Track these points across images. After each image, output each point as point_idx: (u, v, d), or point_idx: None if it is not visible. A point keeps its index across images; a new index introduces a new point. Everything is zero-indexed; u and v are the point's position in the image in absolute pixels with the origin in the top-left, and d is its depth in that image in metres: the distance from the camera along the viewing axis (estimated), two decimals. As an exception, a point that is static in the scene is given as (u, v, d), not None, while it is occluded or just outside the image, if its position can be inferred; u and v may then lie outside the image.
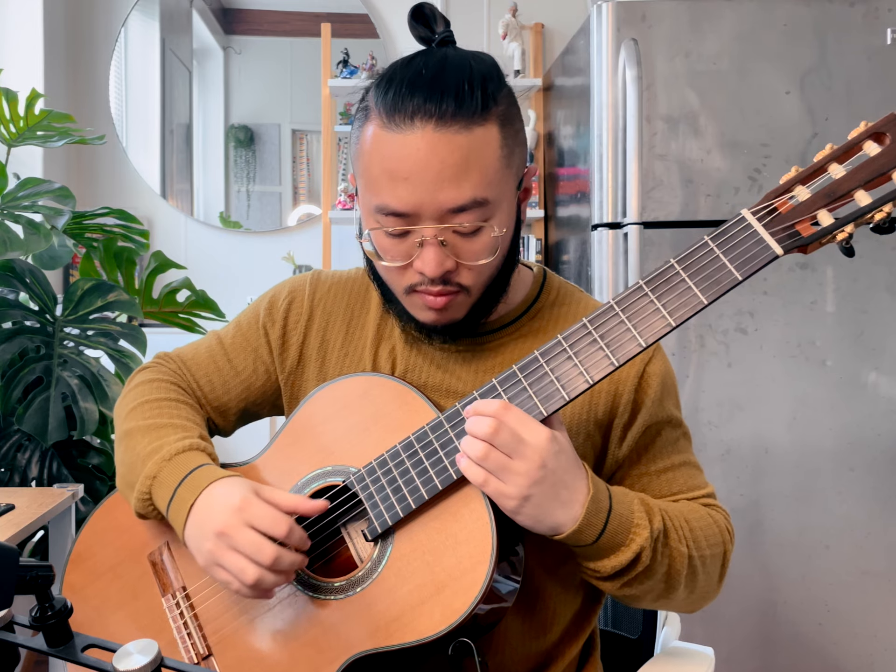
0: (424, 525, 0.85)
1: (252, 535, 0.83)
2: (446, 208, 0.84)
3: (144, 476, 0.92)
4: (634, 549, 0.83)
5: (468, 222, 0.85)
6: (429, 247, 0.85)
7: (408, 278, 0.90)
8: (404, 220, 0.86)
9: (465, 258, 0.87)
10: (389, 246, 0.89)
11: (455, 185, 0.83)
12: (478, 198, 0.84)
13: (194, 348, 1.09)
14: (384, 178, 0.85)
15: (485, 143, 0.85)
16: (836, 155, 0.78)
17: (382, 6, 3.13)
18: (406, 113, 0.83)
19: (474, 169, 0.84)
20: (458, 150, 0.83)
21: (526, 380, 0.82)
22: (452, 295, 0.89)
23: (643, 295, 0.80)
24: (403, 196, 0.84)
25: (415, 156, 0.83)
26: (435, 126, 0.83)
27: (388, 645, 0.83)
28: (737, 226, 0.79)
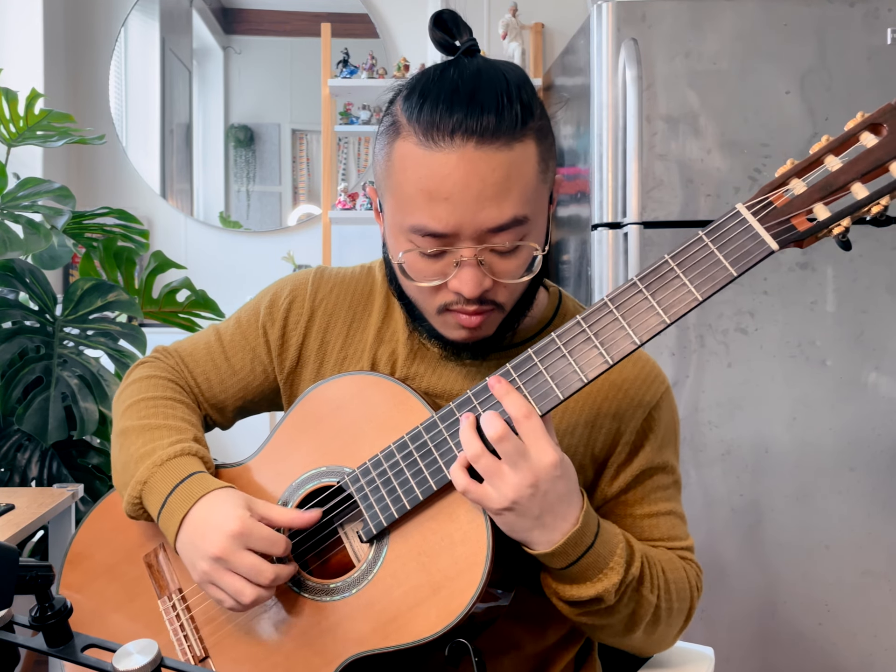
0: (420, 526, 0.85)
1: (251, 558, 0.83)
2: (486, 228, 0.81)
3: (135, 481, 0.92)
4: (598, 589, 0.83)
5: (507, 241, 0.83)
6: (467, 267, 0.83)
7: (441, 298, 0.87)
8: (441, 240, 0.82)
9: (502, 276, 0.85)
10: (424, 266, 0.85)
11: (496, 205, 0.81)
12: (518, 216, 0.82)
13: (193, 344, 1.08)
14: (420, 198, 0.82)
15: (524, 160, 0.82)
16: (833, 147, 0.76)
17: (382, 6, 3.13)
18: (445, 131, 0.80)
19: (514, 187, 0.81)
20: (498, 169, 0.80)
21: (520, 379, 0.82)
22: (487, 313, 0.87)
23: (637, 292, 0.79)
24: (442, 217, 0.81)
25: (455, 175, 0.80)
26: (476, 144, 0.79)
27: (384, 646, 0.83)
28: (731, 220, 0.78)
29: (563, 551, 0.80)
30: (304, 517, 0.87)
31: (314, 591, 0.88)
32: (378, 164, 0.89)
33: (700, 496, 2.07)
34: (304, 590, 0.89)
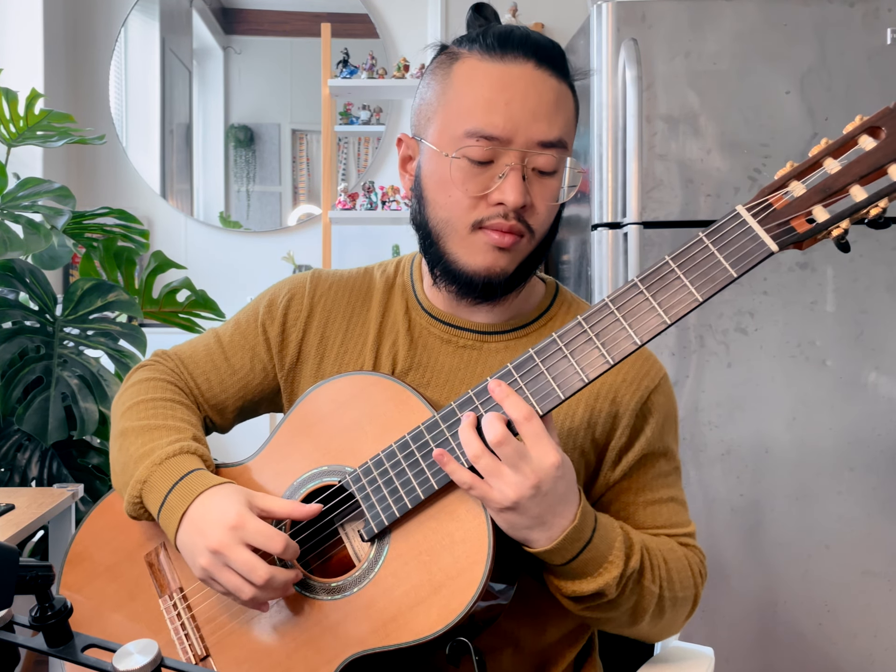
0: (421, 525, 0.85)
1: (246, 554, 0.83)
2: (537, 139, 0.87)
3: (135, 480, 0.92)
4: (599, 584, 0.83)
5: (553, 157, 0.89)
6: (513, 175, 0.87)
7: (479, 212, 0.90)
8: (495, 144, 0.87)
9: (541, 197, 0.90)
10: (469, 175, 0.89)
11: (548, 121, 0.88)
12: (563, 139, 0.89)
13: (192, 346, 1.09)
14: (482, 103, 0.88)
15: (568, 96, 0.91)
16: (832, 150, 0.76)
17: (382, 6, 3.13)
18: (512, 45, 0.88)
19: (562, 113, 0.90)
20: (552, 91, 0.89)
21: (522, 379, 0.82)
22: (518, 237, 0.90)
23: (638, 293, 0.79)
24: (500, 121, 0.87)
25: (517, 84, 0.87)
26: (536, 64, 0.88)
27: (385, 645, 0.83)
28: (731, 222, 0.78)
29: (561, 548, 0.81)
30: (304, 509, 0.87)
31: (315, 589, 0.88)
32: (426, 96, 0.94)
33: (700, 496, 2.07)
34: (305, 588, 0.89)
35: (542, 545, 0.81)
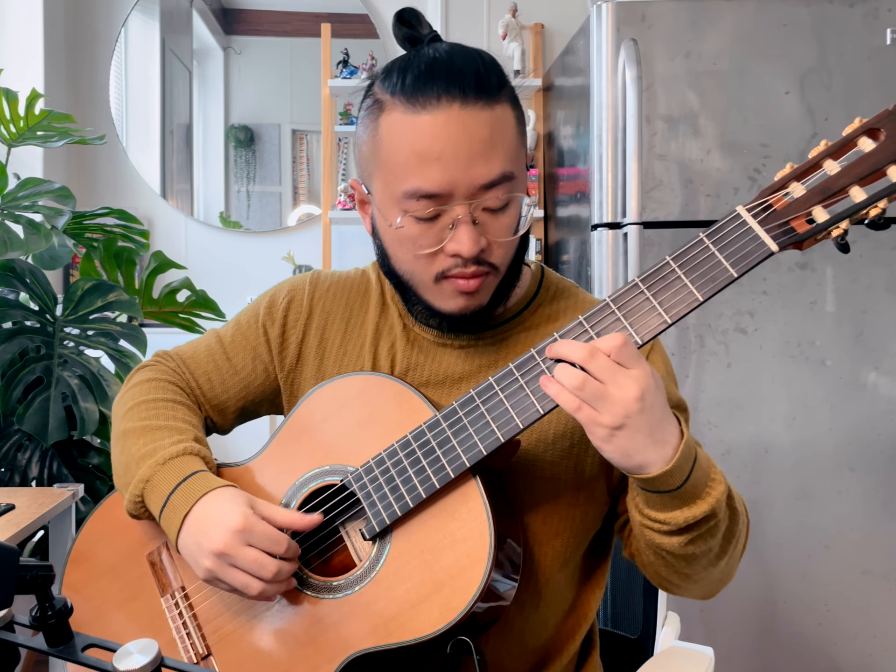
0: (422, 524, 0.85)
1: (253, 553, 0.84)
2: (478, 184, 0.85)
3: (138, 479, 0.92)
4: (710, 503, 0.80)
5: (499, 197, 0.86)
6: (463, 226, 0.85)
7: (438, 264, 0.89)
8: (436, 201, 0.85)
9: (496, 234, 0.88)
10: (419, 233, 0.88)
11: (485, 161, 0.84)
12: (506, 172, 0.86)
13: (193, 347, 1.09)
14: (413, 162, 0.85)
15: (505, 120, 0.87)
16: (831, 151, 0.77)
17: (382, 6, 3.13)
18: (432, 94, 0.84)
19: (500, 144, 0.86)
20: (485, 126, 0.84)
21: (523, 378, 0.82)
22: (484, 276, 0.89)
23: (639, 292, 0.80)
24: (436, 176, 0.84)
25: (445, 134, 0.83)
26: (461, 104, 0.84)
27: (386, 643, 0.83)
28: (732, 222, 0.79)
29: (679, 466, 0.78)
30: (305, 520, 0.87)
31: (317, 588, 0.89)
32: (363, 148, 0.92)
33: (700, 496, 2.07)
34: (306, 587, 0.89)
35: (660, 467, 0.77)
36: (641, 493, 0.82)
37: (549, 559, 0.95)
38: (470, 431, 0.84)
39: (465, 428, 0.84)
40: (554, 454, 0.94)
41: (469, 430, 0.84)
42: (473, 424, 0.84)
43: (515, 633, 0.96)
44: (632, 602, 1.26)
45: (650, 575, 0.94)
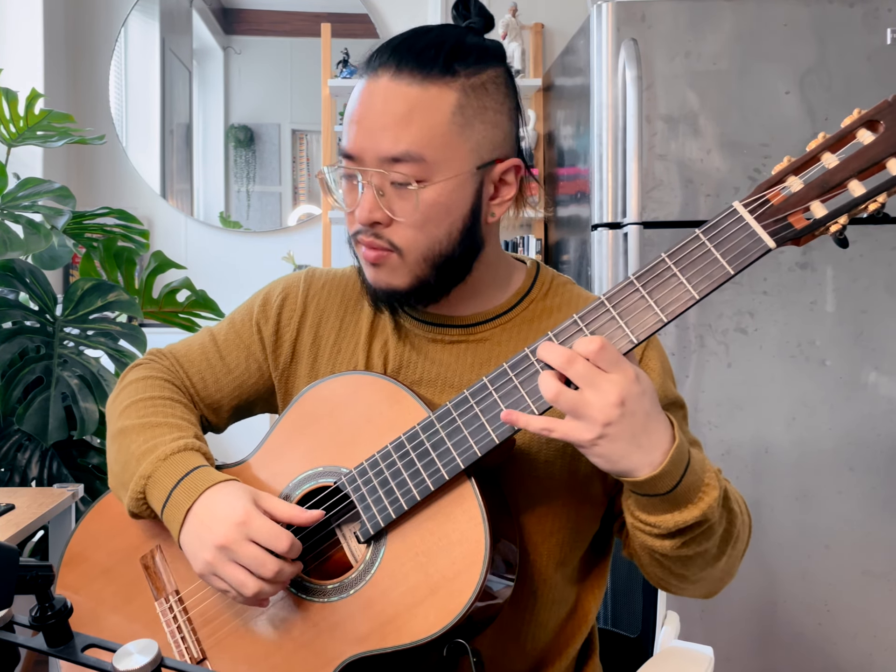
0: (417, 526, 0.85)
1: (254, 549, 0.83)
2: (383, 155, 0.87)
3: (139, 476, 0.91)
4: (702, 508, 0.79)
5: (402, 175, 0.87)
6: (365, 190, 0.89)
7: (351, 223, 0.93)
8: (352, 162, 0.90)
9: (396, 214, 0.89)
10: (346, 192, 0.93)
11: (393, 134, 0.86)
12: (412, 152, 0.86)
13: (187, 345, 1.09)
14: (346, 122, 0.91)
15: (436, 102, 0.87)
16: (829, 144, 0.75)
17: (382, 6, 3.13)
18: (375, 65, 0.89)
19: (416, 123, 0.86)
20: (404, 101, 0.86)
21: (517, 378, 0.81)
22: (383, 251, 0.91)
23: (634, 290, 0.78)
24: (352, 137, 0.89)
25: (368, 101, 0.88)
26: (391, 76, 0.87)
27: (382, 647, 0.83)
28: (728, 219, 0.77)
29: (668, 472, 0.76)
30: (305, 516, 0.87)
31: (312, 591, 0.88)
32: None
33: (700, 496, 2.07)
34: (301, 591, 0.89)
35: (648, 472, 0.76)
36: (632, 495, 0.82)
37: (544, 559, 0.95)
38: (464, 432, 0.83)
39: (459, 429, 0.83)
40: (548, 453, 0.94)
41: (463, 431, 0.83)
42: (468, 425, 0.83)
43: (513, 634, 0.96)
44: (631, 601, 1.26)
45: (648, 575, 0.94)
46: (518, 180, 0.94)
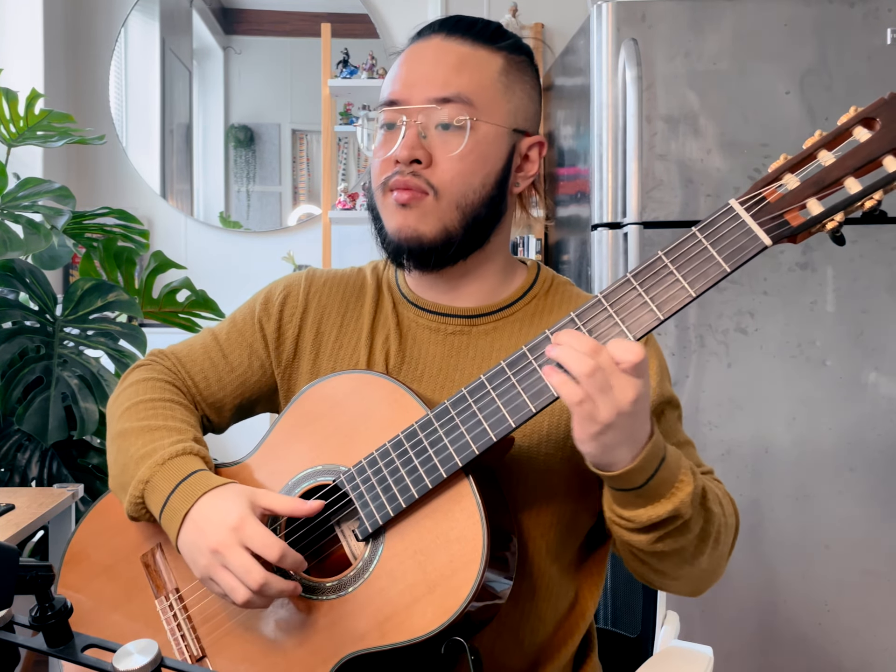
0: (416, 524, 0.85)
1: (244, 557, 0.83)
2: (433, 96, 0.91)
3: (137, 480, 0.92)
4: (675, 503, 0.80)
5: (451, 114, 0.90)
6: (408, 129, 0.91)
7: (384, 171, 0.94)
8: (396, 108, 0.93)
9: (441, 152, 0.91)
10: (382, 143, 0.95)
11: (444, 78, 0.92)
12: (463, 94, 0.91)
13: (189, 345, 1.09)
14: (391, 78, 0.95)
15: (485, 62, 0.94)
16: (826, 141, 0.75)
17: (382, 6, 3.13)
18: (426, 33, 0.96)
19: (467, 73, 0.92)
20: (456, 55, 0.93)
21: (514, 376, 0.82)
22: (419, 193, 0.92)
23: (631, 288, 0.79)
24: (398, 84, 0.93)
25: (420, 55, 0.94)
26: (444, 37, 0.94)
27: (380, 645, 0.83)
28: (724, 216, 0.77)
29: (642, 467, 0.78)
30: (306, 507, 0.87)
31: (310, 589, 0.88)
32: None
33: (700, 496, 2.07)
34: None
35: (626, 464, 0.78)
36: (609, 490, 0.84)
37: (542, 552, 0.95)
38: (462, 430, 0.83)
39: (457, 427, 0.83)
40: (549, 446, 0.94)
41: (461, 429, 0.83)
42: (465, 423, 0.83)
43: (510, 629, 0.96)
44: (631, 601, 1.26)
45: (631, 570, 0.95)
46: (540, 159, 0.99)
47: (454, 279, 1.00)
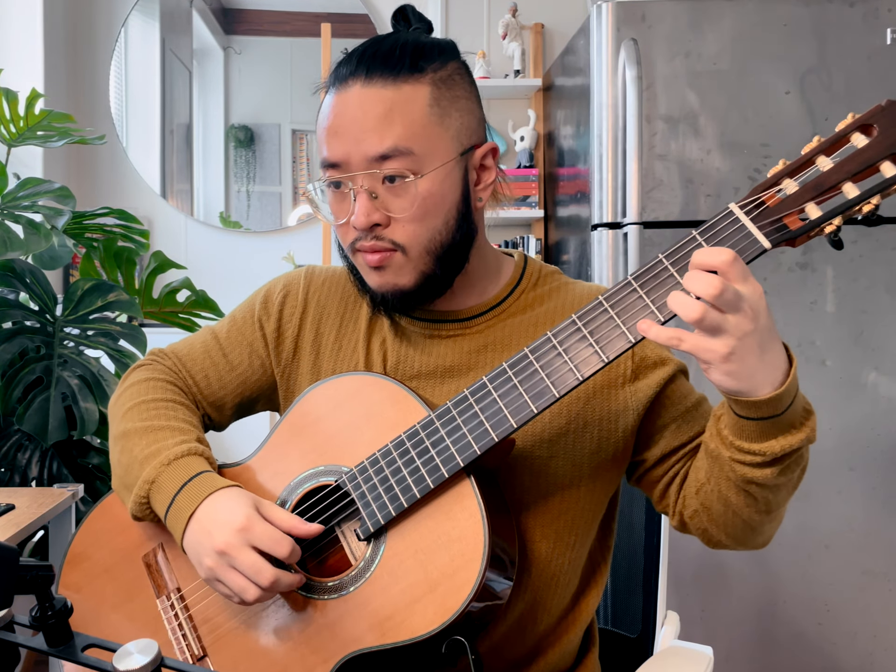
0: (417, 524, 0.85)
1: (253, 556, 0.83)
2: (370, 155, 0.88)
3: (143, 480, 0.92)
4: (806, 432, 0.80)
5: (394, 169, 0.88)
6: (358, 196, 0.90)
7: (350, 236, 0.93)
8: (337, 170, 0.91)
9: (394, 211, 0.90)
10: (334, 203, 0.94)
11: (378, 134, 0.88)
12: (400, 146, 0.88)
13: (189, 344, 1.10)
14: (324, 135, 0.92)
15: (412, 98, 0.89)
16: (824, 147, 0.77)
17: (382, 6, 3.13)
18: (343, 75, 0.91)
19: (398, 120, 0.89)
20: (381, 103, 0.89)
21: (516, 377, 0.82)
22: (387, 252, 0.91)
23: (632, 290, 0.79)
24: (334, 147, 0.90)
25: (344, 110, 0.90)
26: (363, 83, 0.89)
27: (382, 644, 0.83)
28: (724, 220, 0.78)
29: (788, 391, 0.77)
30: (305, 528, 0.87)
31: (312, 589, 0.89)
32: None
33: (700, 496, 2.07)
34: (301, 588, 0.89)
35: (769, 390, 0.76)
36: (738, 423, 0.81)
37: (542, 549, 0.95)
38: (464, 431, 0.84)
39: (458, 427, 0.84)
40: (548, 448, 0.95)
41: (463, 429, 0.84)
42: (467, 424, 0.84)
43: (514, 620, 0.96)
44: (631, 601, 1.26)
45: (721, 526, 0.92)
46: (496, 163, 0.97)
47: None
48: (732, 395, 0.78)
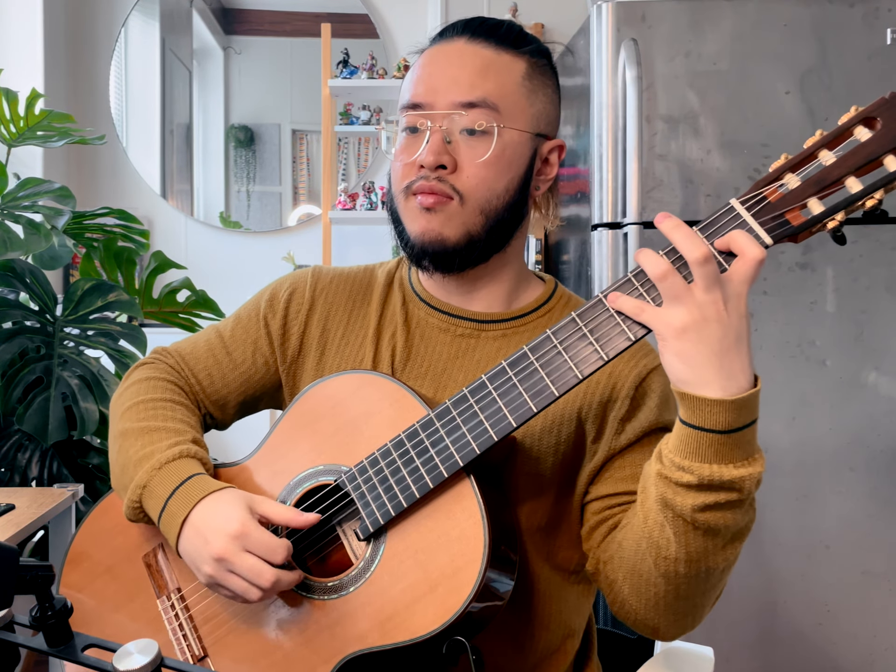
0: (417, 523, 0.85)
1: (251, 560, 0.84)
2: (458, 101, 0.91)
3: (135, 485, 0.92)
4: (741, 473, 0.74)
5: (477, 119, 0.90)
6: (433, 135, 0.91)
7: (409, 176, 0.93)
8: (419, 111, 0.93)
9: (467, 158, 0.91)
10: (404, 146, 0.94)
11: (470, 83, 0.91)
12: (489, 100, 0.91)
13: (192, 342, 1.10)
14: (412, 80, 0.95)
15: (509, 66, 0.94)
16: (827, 141, 0.75)
17: (382, 6, 3.13)
18: (448, 34, 0.96)
19: (493, 77, 0.92)
20: (480, 59, 0.93)
21: (516, 376, 0.82)
22: (444, 197, 0.92)
23: (633, 289, 0.79)
24: (421, 88, 0.93)
25: (443, 58, 0.94)
26: (467, 40, 0.94)
27: (382, 644, 0.83)
28: (725, 216, 0.77)
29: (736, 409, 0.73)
30: (302, 519, 0.87)
31: (312, 589, 0.89)
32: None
33: (700, 496, 2.07)
34: (302, 588, 0.89)
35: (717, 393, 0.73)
36: (676, 433, 0.77)
37: (533, 554, 0.95)
38: (463, 430, 0.83)
39: (458, 427, 0.84)
40: (540, 450, 0.95)
41: (462, 428, 0.83)
42: (467, 423, 0.83)
43: (507, 630, 0.96)
44: (632, 602, 1.25)
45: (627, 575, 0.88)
46: (559, 162, 0.99)
47: (470, 282, 1.00)
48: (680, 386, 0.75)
